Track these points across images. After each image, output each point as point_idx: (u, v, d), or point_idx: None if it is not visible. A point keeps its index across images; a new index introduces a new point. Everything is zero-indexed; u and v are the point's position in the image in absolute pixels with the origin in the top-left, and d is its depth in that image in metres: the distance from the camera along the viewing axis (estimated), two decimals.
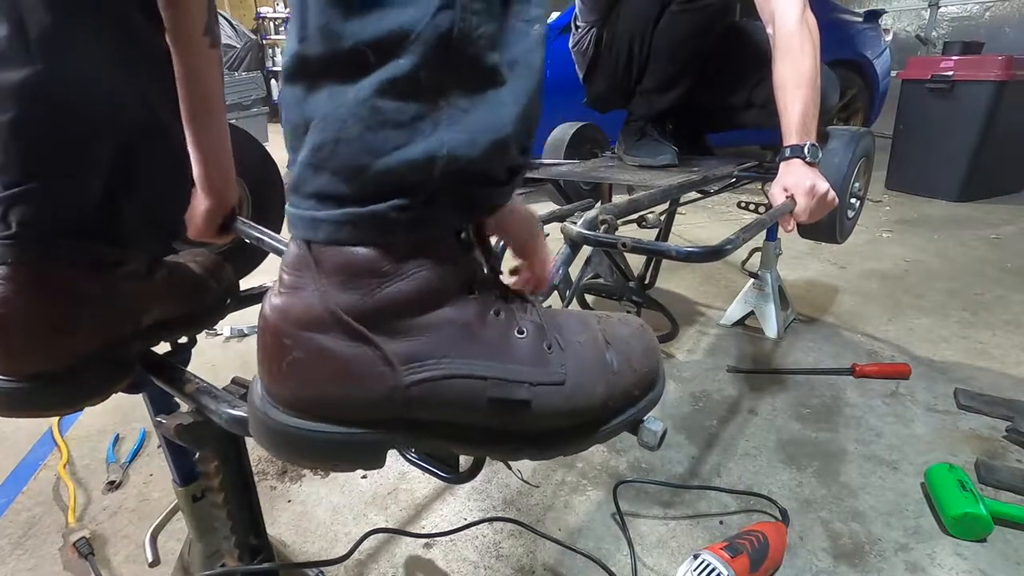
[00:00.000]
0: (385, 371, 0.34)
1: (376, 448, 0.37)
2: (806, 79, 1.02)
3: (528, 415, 0.37)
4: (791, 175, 1.00)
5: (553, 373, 0.38)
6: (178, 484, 0.69)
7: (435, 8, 0.29)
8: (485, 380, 0.36)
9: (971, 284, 1.94)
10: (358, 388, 0.34)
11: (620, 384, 0.40)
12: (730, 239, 0.73)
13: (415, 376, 0.34)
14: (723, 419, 1.23)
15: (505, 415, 0.37)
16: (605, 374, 0.40)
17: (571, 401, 0.38)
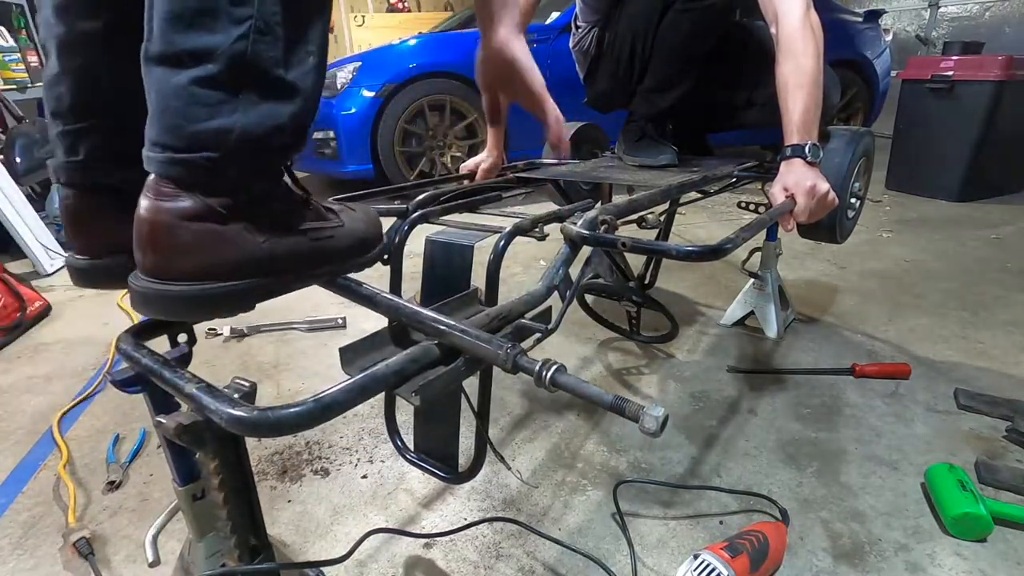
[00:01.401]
0: (249, 236, 0.51)
1: (255, 293, 0.53)
2: (808, 79, 1.01)
3: (333, 241, 0.60)
4: (792, 175, 1.00)
5: (338, 222, 0.62)
6: (178, 484, 0.69)
7: (233, 38, 0.45)
8: (305, 231, 0.57)
9: (971, 284, 1.94)
10: (238, 249, 0.50)
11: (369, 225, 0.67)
12: (730, 238, 0.73)
13: (265, 237, 0.52)
14: (723, 419, 1.23)
15: (319, 244, 0.58)
16: (360, 221, 0.65)
17: (352, 232, 0.63)
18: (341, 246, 0.62)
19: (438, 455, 0.86)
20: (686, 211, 2.84)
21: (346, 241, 0.62)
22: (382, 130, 3.04)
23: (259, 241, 0.52)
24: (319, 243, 0.58)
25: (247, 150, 0.48)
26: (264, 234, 0.52)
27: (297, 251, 0.56)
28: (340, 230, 0.61)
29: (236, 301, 0.52)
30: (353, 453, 1.15)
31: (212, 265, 0.50)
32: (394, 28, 6.33)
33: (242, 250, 0.51)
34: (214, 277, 0.50)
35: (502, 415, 1.27)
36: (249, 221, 0.51)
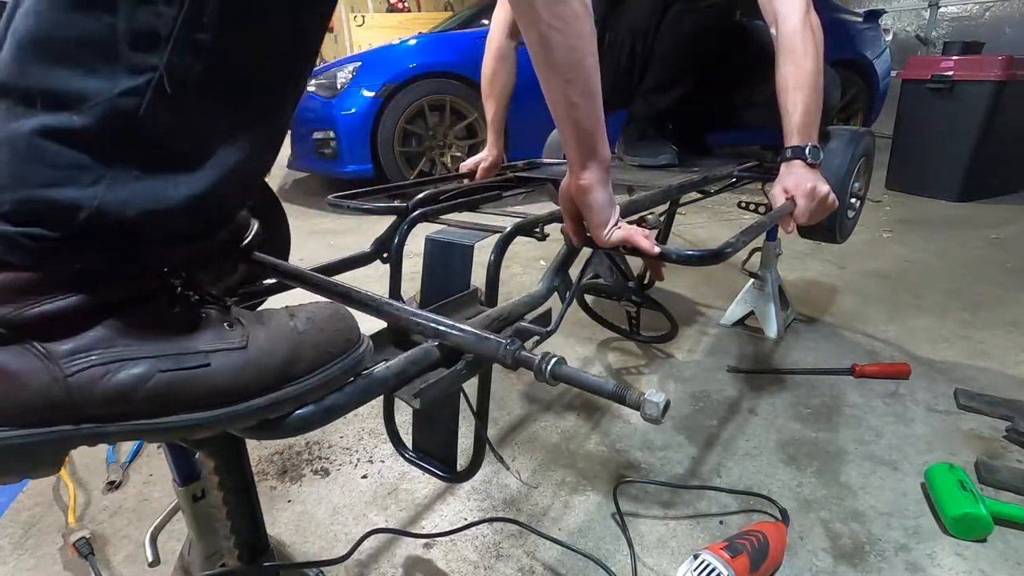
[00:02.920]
0: (45, 366, 0.35)
1: (53, 449, 0.36)
2: (808, 80, 1.01)
3: (210, 378, 0.39)
4: (792, 176, 1.00)
5: (232, 341, 0.41)
6: (178, 484, 0.69)
7: (120, 90, 0.33)
8: (155, 358, 0.38)
9: (971, 284, 1.94)
10: (17, 386, 0.34)
11: (307, 341, 0.44)
12: (730, 242, 0.73)
13: (78, 366, 0.35)
14: (723, 419, 1.23)
15: (183, 384, 0.38)
16: (288, 335, 0.43)
17: (256, 360, 0.41)
18: (223, 384, 0.40)
19: (437, 455, 0.86)
20: (686, 211, 2.84)
21: (238, 376, 0.40)
22: (382, 130, 3.04)
23: (62, 374, 0.35)
24: (179, 376, 0.38)
25: (102, 238, 0.35)
26: (73, 362, 0.35)
27: (133, 391, 0.37)
28: (227, 357, 0.40)
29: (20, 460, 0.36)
30: (353, 453, 1.15)
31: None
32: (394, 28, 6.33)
33: (23, 389, 0.34)
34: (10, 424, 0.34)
35: (502, 415, 1.27)
36: (46, 339, 0.35)
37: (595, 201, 0.64)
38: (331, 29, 7.78)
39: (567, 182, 0.66)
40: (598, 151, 0.62)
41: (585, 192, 0.64)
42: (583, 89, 0.57)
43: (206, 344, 0.40)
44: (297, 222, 2.94)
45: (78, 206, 0.34)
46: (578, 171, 0.63)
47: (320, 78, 3.16)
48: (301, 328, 0.44)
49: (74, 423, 0.36)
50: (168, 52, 0.33)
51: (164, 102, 0.34)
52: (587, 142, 0.61)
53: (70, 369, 0.35)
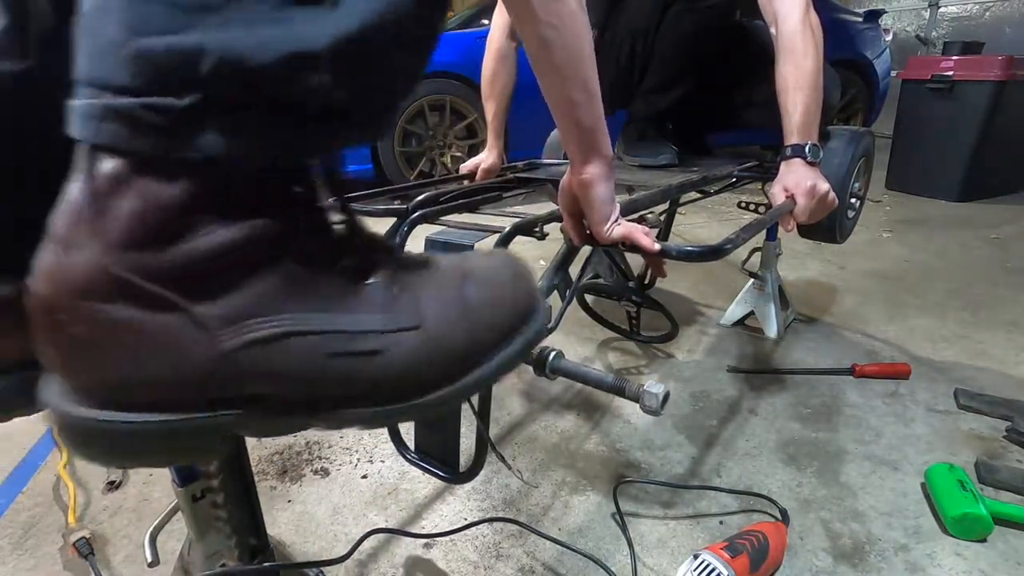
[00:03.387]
0: (199, 338, 0.28)
1: (207, 435, 0.31)
2: (808, 80, 1.01)
3: (383, 366, 0.32)
4: (792, 175, 1.00)
5: (405, 319, 0.33)
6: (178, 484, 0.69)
7: None
8: (320, 333, 0.31)
9: (971, 284, 1.94)
10: (168, 363, 0.28)
11: (482, 320, 0.36)
12: (730, 238, 0.73)
13: (240, 339, 0.29)
14: (723, 419, 1.23)
15: (353, 371, 0.32)
16: (465, 311, 0.35)
17: (432, 346, 0.33)
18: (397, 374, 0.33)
19: (438, 455, 0.86)
20: (686, 211, 2.84)
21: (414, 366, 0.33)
22: None
23: (220, 347, 0.29)
24: (349, 363, 0.32)
25: (240, 99, 0.27)
26: (232, 330, 0.29)
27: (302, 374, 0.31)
28: (402, 339, 0.33)
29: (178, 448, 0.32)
30: (353, 453, 1.15)
31: (130, 382, 0.29)
32: None
33: (179, 362, 0.29)
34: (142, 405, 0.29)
35: (502, 415, 1.27)
36: (198, 298, 0.28)
37: (597, 197, 0.64)
38: None
39: (568, 179, 0.66)
40: (600, 147, 0.62)
41: (587, 187, 0.63)
42: (582, 86, 0.57)
43: (379, 321, 0.32)
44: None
45: (202, 49, 0.26)
46: (580, 167, 0.63)
47: None
48: (476, 301, 0.36)
49: (233, 407, 0.31)
50: None
51: None
52: (588, 139, 0.61)
53: (232, 343, 0.29)
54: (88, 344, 0.28)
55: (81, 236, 0.27)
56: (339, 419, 0.33)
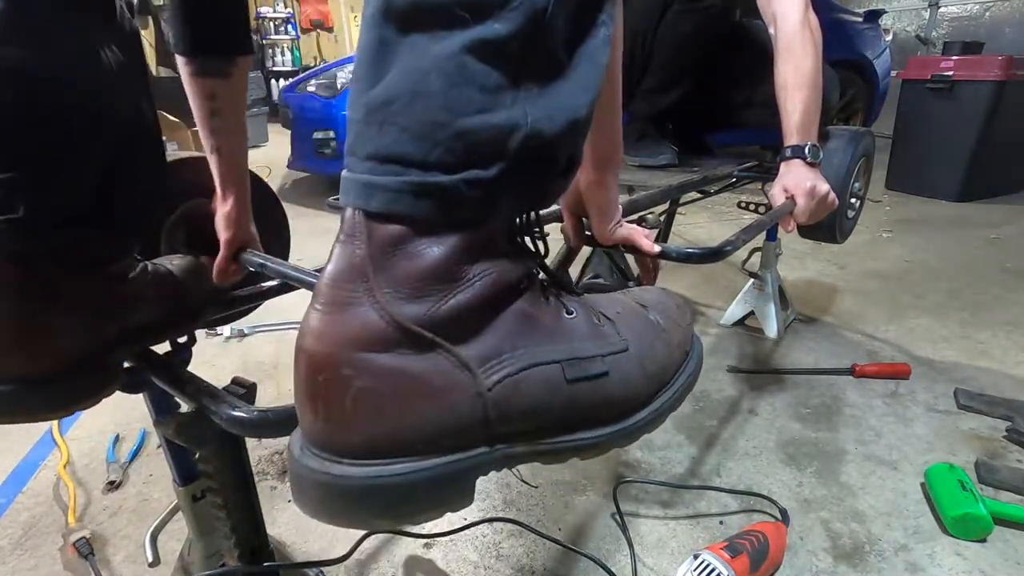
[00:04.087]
0: (464, 377, 0.30)
1: (467, 477, 0.32)
2: (807, 80, 1.01)
3: (609, 388, 0.35)
4: (791, 176, 1.00)
5: (615, 343, 0.37)
6: (178, 484, 0.69)
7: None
8: (559, 363, 0.33)
9: (971, 284, 1.94)
10: (438, 405, 0.30)
11: (673, 340, 0.41)
12: (730, 240, 0.73)
13: (494, 376, 0.31)
14: (723, 419, 1.23)
15: (588, 396, 0.34)
16: (657, 332, 0.40)
17: (642, 364, 0.37)
18: (620, 395, 0.36)
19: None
20: (686, 211, 2.83)
21: (632, 384, 0.37)
22: None
23: (484, 386, 0.31)
24: (586, 388, 0.34)
25: (531, 167, 0.31)
26: (492, 369, 0.31)
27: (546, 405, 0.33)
28: (619, 361, 0.36)
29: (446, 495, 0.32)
30: None
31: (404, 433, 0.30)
32: None
33: (451, 408, 0.30)
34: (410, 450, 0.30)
35: None
36: (460, 340, 0.30)
37: (605, 199, 0.64)
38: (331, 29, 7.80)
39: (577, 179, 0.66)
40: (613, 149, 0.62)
41: (596, 189, 0.63)
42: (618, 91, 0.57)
43: (595, 346, 0.36)
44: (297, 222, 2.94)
45: (515, 125, 0.29)
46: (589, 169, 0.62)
47: (320, 78, 3.16)
48: (663, 324, 0.41)
49: (488, 445, 0.32)
50: None
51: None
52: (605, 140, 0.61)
53: (488, 380, 0.31)
54: (371, 394, 0.29)
55: (360, 294, 0.29)
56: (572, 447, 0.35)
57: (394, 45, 0.29)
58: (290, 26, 7.22)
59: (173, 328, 0.64)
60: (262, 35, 7.08)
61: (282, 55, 7.10)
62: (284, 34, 7.16)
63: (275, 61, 7.05)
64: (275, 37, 7.11)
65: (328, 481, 0.29)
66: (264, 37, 7.07)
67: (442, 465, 0.30)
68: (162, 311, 0.61)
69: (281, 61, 7.07)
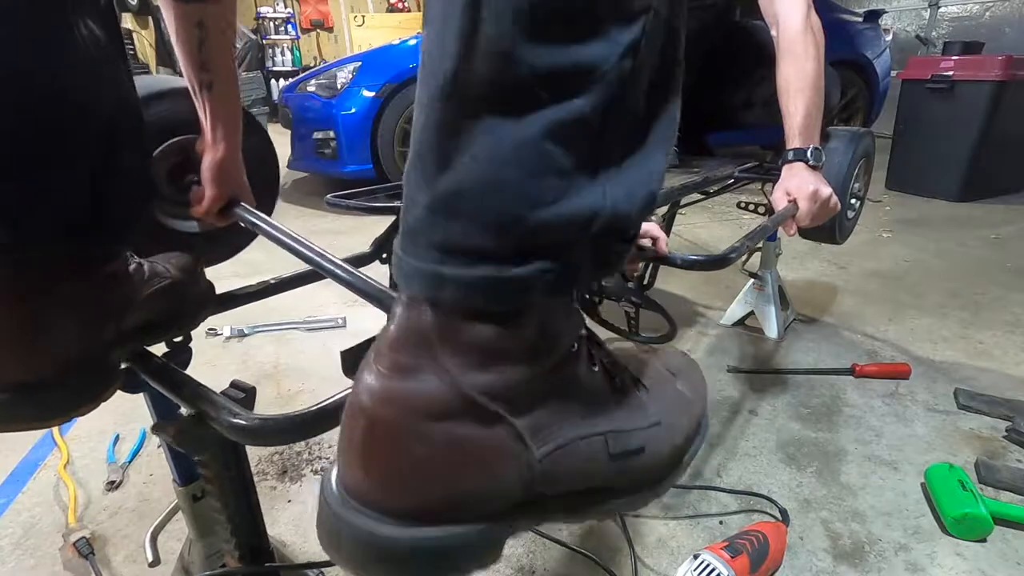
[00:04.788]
0: (519, 449, 0.30)
1: (501, 541, 0.32)
2: (809, 82, 1.01)
3: (643, 462, 0.36)
4: (794, 179, 1.00)
5: (651, 415, 0.37)
6: (178, 484, 0.69)
7: (623, 48, 0.25)
8: (603, 435, 0.33)
9: (971, 284, 1.94)
10: (492, 474, 0.30)
11: (695, 411, 0.41)
12: (734, 247, 0.72)
13: (545, 447, 0.31)
14: (723, 419, 1.23)
15: (623, 467, 0.35)
16: (684, 405, 0.40)
17: (671, 438, 0.37)
18: (653, 465, 0.37)
19: None
20: (686, 211, 2.83)
21: (662, 456, 0.37)
22: (382, 130, 3.04)
23: (536, 456, 0.31)
24: (625, 463, 0.34)
25: (608, 248, 0.30)
26: (544, 439, 0.31)
27: (588, 475, 0.33)
28: (653, 435, 0.36)
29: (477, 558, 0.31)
30: None
31: (462, 497, 0.30)
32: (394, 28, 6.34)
33: (503, 475, 0.30)
34: (466, 516, 0.30)
35: None
36: (518, 413, 0.30)
37: None
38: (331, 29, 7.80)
39: None
40: None
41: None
42: None
43: (634, 417, 0.35)
44: (297, 222, 2.94)
45: (595, 212, 0.27)
46: None
47: (320, 78, 3.16)
48: (689, 395, 0.41)
49: (523, 512, 0.32)
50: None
51: (647, 54, 0.26)
52: None
53: (540, 452, 0.30)
54: (430, 462, 0.29)
55: (425, 360, 0.28)
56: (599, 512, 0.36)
57: (466, 127, 0.26)
58: (290, 26, 7.22)
59: (170, 328, 0.63)
60: (262, 35, 7.08)
61: (282, 55, 7.09)
62: (284, 34, 7.16)
63: (275, 61, 7.05)
64: (275, 37, 7.11)
65: (372, 541, 0.29)
66: (264, 37, 7.07)
67: (485, 530, 0.31)
68: (159, 311, 0.60)
69: (281, 61, 7.06)
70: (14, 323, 0.46)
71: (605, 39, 0.25)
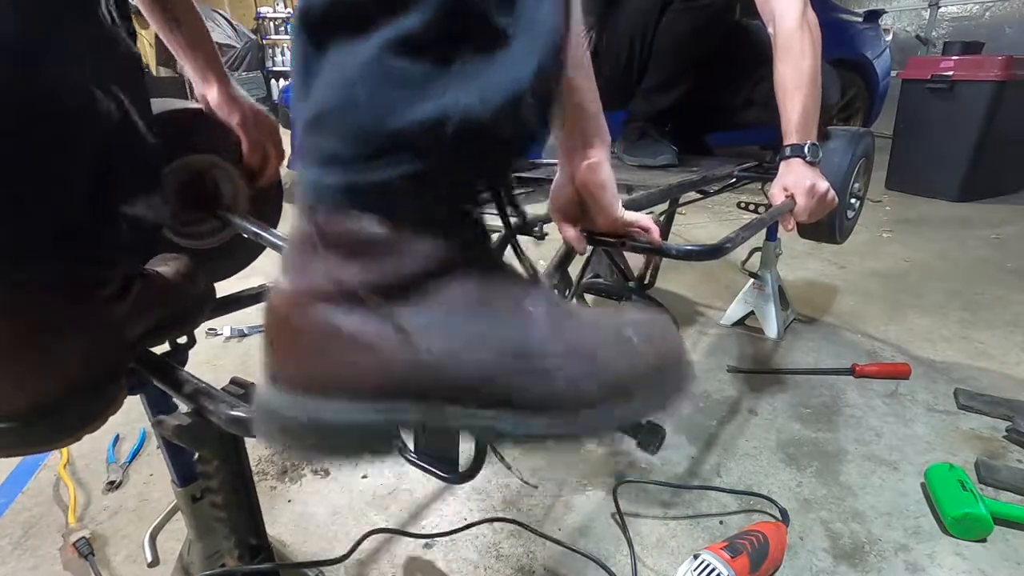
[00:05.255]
0: (401, 339, 0.32)
1: (388, 427, 0.35)
2: (806, 79, 1.02)
3: (554, 385, 0.35)
4: (791, 175, 1.00)
5: (572, 344, 0.36)
6: (178, 484, 0.69)
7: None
8: (506, 347, 0.34)
9: (971, 284, 1.94)
10: (372, 359, 0.32)
11: (645, 360, 0.38)
12: (729, 237, 0.73)
13: (431, 343, 0.33)
14: (723, 419, 1.23)
15: (528, 385, 0.34)
16: (625, 347, 0.38)
17: (597, 372, 0.36)
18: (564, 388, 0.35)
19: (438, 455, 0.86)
20: (687, 211, 2.84)
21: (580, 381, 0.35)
22: None
23: (419, 348, 0.33)
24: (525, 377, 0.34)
25: (469, 148, 0.31)
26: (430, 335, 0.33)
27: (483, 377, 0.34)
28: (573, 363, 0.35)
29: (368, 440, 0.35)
30: None
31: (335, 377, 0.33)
32: None
33: (381, 363, 0.33)
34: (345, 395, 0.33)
35: None
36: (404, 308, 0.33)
37: (608, 177, 0.62)
38: None
39: (567, 175, 0.63)
40: (603, 131, 0.61)
41: (597, 169, 0.61)
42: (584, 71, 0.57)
43: (548, 340, 0.35)
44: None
45: (444, 116, 0.30)
46: (586, 151, 0.60)
47: None
48: (636, 342, 0.39)
49: (418, 403, 0.34)
50: None
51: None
52: (594, 124, 0.60)
53: (424, 346, 0.32)
54: (316, 341, 0.33)
55: (310, 259, 0.33)
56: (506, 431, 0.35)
57: (315, 56, 0.31)
58: (290, 26, 7.21)
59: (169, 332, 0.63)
60: (262, 35, 7.08)
61: (282, 55, 7.09)
62: (284, 34, 7.15)
63: (275, 61, 7.05)
64: (275, 37, 7.11)
65: (270, 410, 0.34)
66: (264, 37, 7.07)
67: (370, 410, 0.33)
68: (160, 316, 0.60)
69: (281, 61, 7.06)
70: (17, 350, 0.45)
71: None
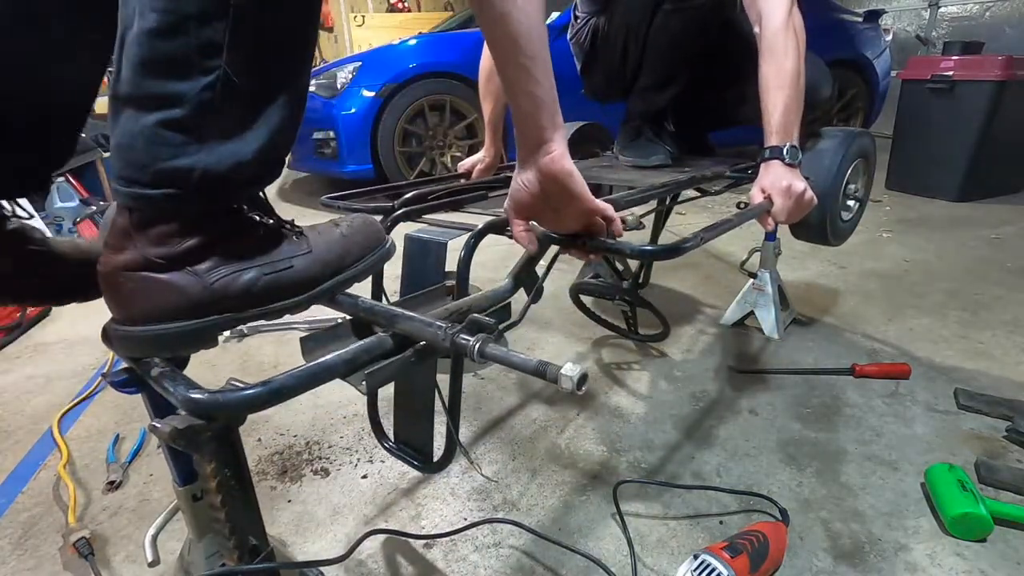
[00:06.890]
0: (195, 279, 0.52)
1: (206, 331, 0.54)
2: (788, 80, 1.02)
3: (294, 275, 0.58)
4: (769, 176, 1.01)
5: (302, 248, 0.59)
6: (178, 484, 0.69)
7: (200, 88, 0.47)
8: (260, 266, 0.56)
9: (971, 284, 1.94)
10: (180, 295, 0.52)
11: (353, 240, 0.64)
12: (688, 238, 0.74)
13: (215, 277, 0.53)
14: (723, 419, 1.23)
15: (280, 280, 0.57)
16: (338, 238, 0.63)
17: (321, 259, 0.60)
18: (303, 277, 0.59)
19: (414, 445, 0.88)
20: (686, 211, 2.84)
21: (311, 270, 0.60)
22: (382, 130, 3.04)
23: (208, 283, 0.53)
24: (275, 276, 0.57)
25: (209, 186, 0.50)
26: (213, 275, 0.53)
27: (251, 288, 0.55)
28: (302, 259, 0.59)
29: (191, 340, 0.54)
30: (353, 453, 1.15)
31: (161, 309, 0.52)
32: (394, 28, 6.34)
33: (186, 295, 0.53)
34: (168, 319, 0.53)
35: (503, 415, 1.27)
36: (194, 264, 0.52)
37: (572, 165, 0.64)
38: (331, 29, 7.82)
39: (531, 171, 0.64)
40: (557, 117, 0.63)
41: (560, 160, 0.63)
42: (543, 66, 0.60)
43: (287, 253, 0.58)
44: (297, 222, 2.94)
45: (192, 168, 0.49)
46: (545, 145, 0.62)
47: (320, 78, 3.16)
48: (346, 232, 0.63)
49: (219, 313, 0.54)
50: (225, 54, 0.47)
51: (228, 89, 0.48)
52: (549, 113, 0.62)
53: (212, 279, 0.53)
54: (135, 289, 0.52)
55: (126, 243, 0.52)
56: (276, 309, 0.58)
57: (119, 112, 0.48)
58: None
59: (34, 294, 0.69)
60: None
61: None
62: None
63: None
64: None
65: (122, 335, 0.54)
66: None
67: (190, 324, 0.53)
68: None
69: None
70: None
71: (188, 80, 0.47)
